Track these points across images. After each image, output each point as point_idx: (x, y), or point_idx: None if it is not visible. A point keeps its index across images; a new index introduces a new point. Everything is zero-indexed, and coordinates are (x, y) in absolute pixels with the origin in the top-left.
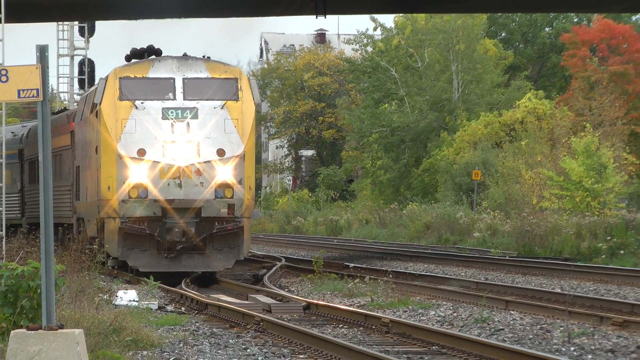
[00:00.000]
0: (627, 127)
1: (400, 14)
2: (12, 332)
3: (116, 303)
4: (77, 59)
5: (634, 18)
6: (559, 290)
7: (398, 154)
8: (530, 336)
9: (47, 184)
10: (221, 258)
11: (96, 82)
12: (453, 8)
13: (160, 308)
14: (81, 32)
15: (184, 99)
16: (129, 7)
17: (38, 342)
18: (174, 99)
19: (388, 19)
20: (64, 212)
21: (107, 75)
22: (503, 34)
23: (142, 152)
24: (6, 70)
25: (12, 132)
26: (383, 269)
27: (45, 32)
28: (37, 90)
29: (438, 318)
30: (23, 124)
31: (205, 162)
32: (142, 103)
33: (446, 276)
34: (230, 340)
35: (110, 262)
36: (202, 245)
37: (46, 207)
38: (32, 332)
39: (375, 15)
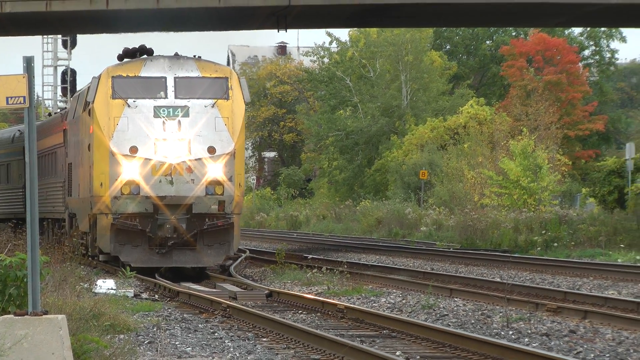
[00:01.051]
0: (560, 131)
1: (354, 29)
2: (0, 317)
3: (95, 291)
4: (60, 69)
5: (566, 32)
6: (498, 280)
7: (352, 156)
8: (473, 321)
9: (33, 182)
10: (212, 254)
11: (78, 89)
12: (402, 23)
13: (135, 296)
14: (64, 44)
15: (176, 97)
16: (108, 22)
17: (24, 327)
18: (166, 97)
19: (343, 33)
20: (57, 207)
21: (100, 74)
22: (447, 47)
23: (134, 150)
24: None
25: (19, 130)
26: (338, 260)
27: (31, 44)
28: (24, 97)
29: (388, 304)
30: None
31: (196, 159)
32: (134, 101)
33: (396, 266)
34: (200, 325)
35: (102, 257)
36: (193, 241)
37: (32, 204)
38: (19, 317)
39: (331, 30)
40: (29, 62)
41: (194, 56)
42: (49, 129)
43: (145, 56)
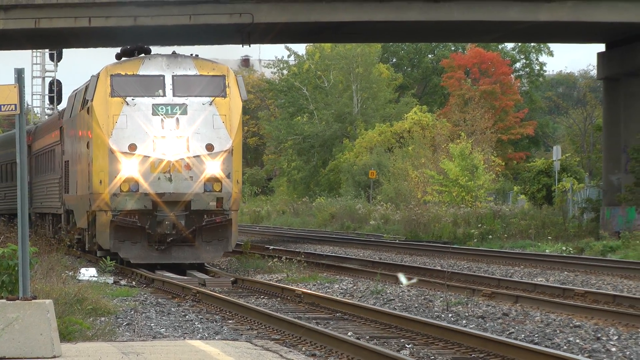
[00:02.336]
0: (494, 135)
1: (311, 44)
2: None
3: (79, 278)
4: (47, 80)
5: (500, 47)
6: (439, 268)
7: (308, 157)
8: (416, 305)
9: (23, 181)
10: (210, 250)
11: (64, 97)
12: (353, 39)
13: (115, 282)
14: (51, 57)
15: (174, 95)
16: (91, 37)
17: (16, 310)
18: (164, 95)
19: (300, 48)
20: (54, 203)
21: (99, 73)
22: (394, 60)
23: (133, 147)
24: None
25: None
26: (297, 250)
27: (22, 57)
28: (15, 105)
29: (341, 290)
30: (34, 122)
31: (194, 156)
32: (132, 99)
33: (347, 256)
34: (172, 309)
35: (100, 254)
36: (191, 237)
37: (22, 201)
38: (11, 302)
39: (290, 45)
40: (19, 74)
41: (192, 55)
42: (47, 128)
43: (143, 55)
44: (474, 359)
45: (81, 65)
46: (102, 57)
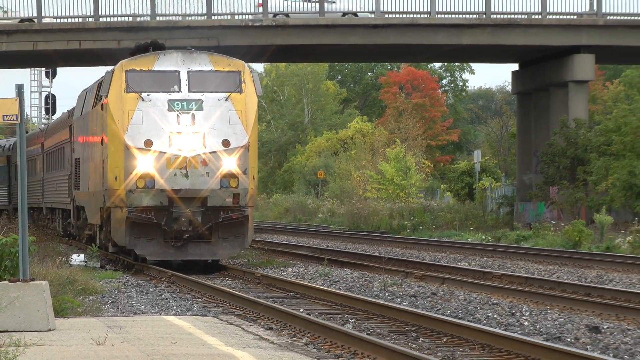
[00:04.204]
0: (424, 141)
1: (268, 63)
2: None
3: (71, 263)
4: (43, 94)
5: (429, 66)
6: (377, 254)
7: (266, 160)
8: (358, 285)
9: (23, 181)
10: (227, 246)
11: (58, 110)
12: (304, 59)
13: (101, 267)
14: (47, 74)
15: (189, 91)
16: (81, 58)
17: (16, 290)
18: (179, 91)
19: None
20: (63, 199)
21: (114, 69)
22: (339, 77)
23: (148, 143)
24: None
25: (44, 124)
26: (256, 239)
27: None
28: (16, 115)
29: (294, 273)
30: (45, 123)
31: (210, 152)
32: (148, 95)
33: (299, 244)
34: (150, 289)
35: (112, 250)
36: (208, 234)
37: (22, 197)
38: (13, 283)
39: (251, 64)
40: (20, 89)
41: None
42: (57, 127)
43: (158, 50)
44: (407, 332)
45: (73, 81)
46: (91, 75)
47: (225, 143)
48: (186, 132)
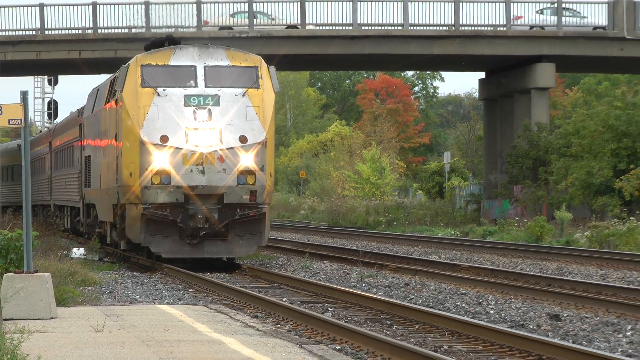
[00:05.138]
0: (398, 144)
1: None
2: (4, 275)
3: (71, 256)
4: (46, 100)
5: (402, 74)
6: (355, 248)
7: None
8: (337, 277)
9: (27, 181)
10: (243, 244)
11: (59, 115)
12: (287, 67)
13: (100, 259)
14: (49, 82)
15: (206, 86)
16: (80, 67)
17: (21, 282)
18: (196, 86)
19: None
20: (71, 196)
21: (129, 63)
22: (319, 84)
23: (164, 139)
24: (0, 107)
25: (47, 127)
26: None
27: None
28: (21, 119)
29: (278, 265)
30: (47, 127)
31: (227, 148)
32: (164, 90)
33: (282, 239)
34: (145, 280)
35: (124, 246)
36: (224, 231)
37: (26, 196)
38: (18, 275)
39: None
40: (24, 95)
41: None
42: (66, 126)
43: (174, 45)
44: (382, 319)
45: (73, 88)
46: (90, 81)
47: (243, 139)
48: (203, 127)
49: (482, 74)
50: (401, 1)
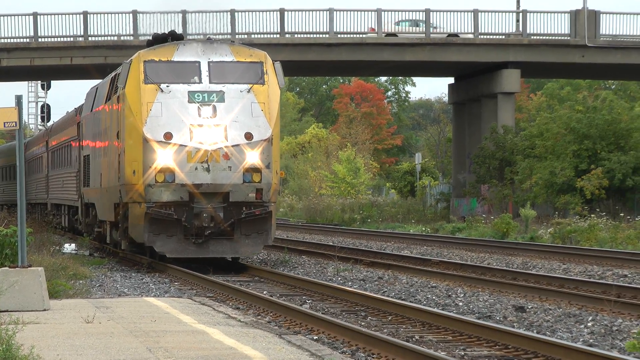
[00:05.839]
0: (372, 145)
1: None
2: (0, 269)
3: (63, 251)
4: (39, 104)
5: (376, 79)
6: (331, 244)
7: None
8: (314, 271)
9: (21, 180)
10: (249, 243)
11: (52, 117)
12: None
13: (90, 254)
14: (42, 87)
15: (210, 82)
16: (72, 72)
17: (16, 275)
18: (200, 82)
19: None
20: (69, 195)
21: (131, 59)
22: (297, 89)
23: (168, 136)
24: None
25: (40, 129)
26: None
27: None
28: (16, 122)
29: (259, 260)
30: (40, 129)
31: (233, 145)
32: (167, 86)
33: None
34: (133, 274)
35: (124, 246)
36: (230, 230)
37: (20, 194)
38: (12, 269)
39: None
40: (19, 99)
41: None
42: (63, 125)
43: (177, 41)
44: (357, 311)
45: (65, 92)
46: (82, 86)
47: (248, 136)
48: (207, 124)
49: (451, 80)
50: (375, 11)
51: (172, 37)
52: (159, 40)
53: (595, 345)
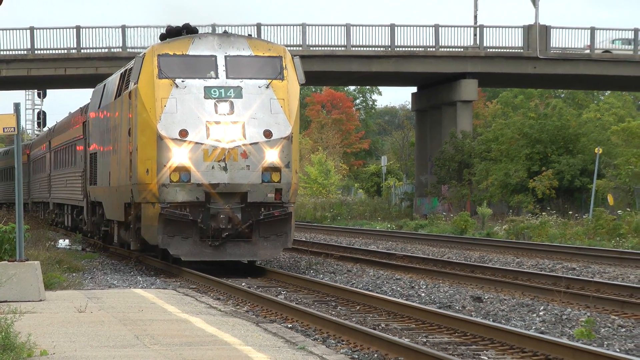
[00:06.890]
0: (342, 149)
1: None
2: None
3: (58, 246)
4: (36, 111)
5: (345, 89)
6: (304, 239)
7: None
8: (288, 265)
9: (19, 181)
10: (268, 246)
11: (48, 124)
12: None
13: (83, 249)
14: (38, 95)
15: (227, 77)
16: (66, 82)
17: (14, 269)
18: (217, 77)
19: None
20: (75, 195)
21: (144, 53)
22: None
23: (184, 133)
24: None
25: (48, 127)
26: None
27: (17, 95)
28: (14, 127)
29: None
30: (37, 135)
31: (251, 144)
32: (182, 81)
33: None
34: (122, 267)
35: (133, 246)
36: (248, 232)
37: (18, 194)
38: (11, 263)
39: None
40: (17, 106)
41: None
42: (66, 125)
43: (192, 34)
44: (328, 301)
45: (60, 100)
46: (75, 95)
47: (267, 134)
48: (224, 121)
49: (414, 89)
50: (344, 25)
51: (187, 30)
52: (172, 33)
53: (546, 332)
